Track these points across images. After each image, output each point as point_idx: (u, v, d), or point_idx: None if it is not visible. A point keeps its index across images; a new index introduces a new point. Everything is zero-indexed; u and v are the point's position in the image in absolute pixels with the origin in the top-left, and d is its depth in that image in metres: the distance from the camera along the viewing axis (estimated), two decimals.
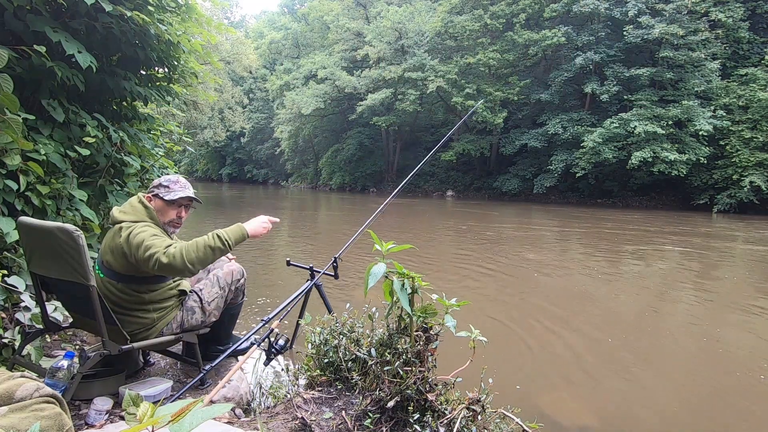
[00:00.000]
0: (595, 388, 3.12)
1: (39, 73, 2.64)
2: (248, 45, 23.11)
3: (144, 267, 1.89)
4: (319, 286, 2.74)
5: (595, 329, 4.28)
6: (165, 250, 1.84)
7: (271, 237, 10.04)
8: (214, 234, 1.92)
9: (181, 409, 0.73)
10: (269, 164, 45.22)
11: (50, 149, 2.64)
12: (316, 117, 33.47)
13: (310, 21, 39.62)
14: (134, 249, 1.89)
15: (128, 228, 1.96)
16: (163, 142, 4.69)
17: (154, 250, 1.84)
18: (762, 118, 18.99)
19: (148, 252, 1.84)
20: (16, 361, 2.01)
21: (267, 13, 60.56)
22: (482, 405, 1.65)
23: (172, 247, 1.85)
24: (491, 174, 27.36)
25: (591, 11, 21.93)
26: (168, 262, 1.81)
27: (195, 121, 20.37)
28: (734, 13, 20.33)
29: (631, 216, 16.33)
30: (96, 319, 1.84)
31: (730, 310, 5.01)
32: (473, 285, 5.75)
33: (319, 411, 1.76)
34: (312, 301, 2.79)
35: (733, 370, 3.42)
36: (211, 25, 3.99)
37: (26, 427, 1.10)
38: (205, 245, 1.88)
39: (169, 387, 2.06)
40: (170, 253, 1.83)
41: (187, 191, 2.14)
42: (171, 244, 1.88)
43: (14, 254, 2.50)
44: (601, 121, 21.63)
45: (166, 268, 1.83)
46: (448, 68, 25.36)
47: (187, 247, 1.86)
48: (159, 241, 1.89)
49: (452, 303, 1.69)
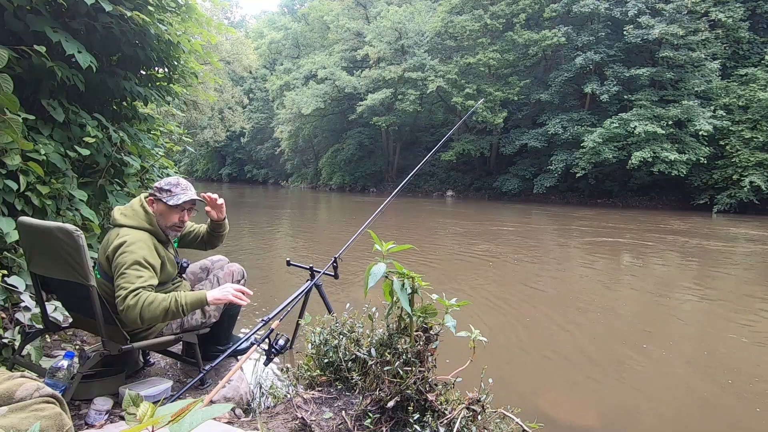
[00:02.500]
0: (595, 388, 3.12)
1: (39, 73, 2.64)
2: (248, 45, 23.11)
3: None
4: (319, 286, 2.74)
5: (595, 329, 4.28)
6: (129, 294, 1.81)
7: (271, 237, 10.05)
8: (175, 300, 1.87)
9: (181, 409, 0.73)
10: (269, 164, 45.23)
11: (50, 149, 2.64)
12: (316, 117, 33.46)
13: (310, 21, 39.61)
14: (115, 265, 1.89)
15: (122, 239, 1.93)
16: (163, 142, 4.70)
17: (125, 285, 1.83)
18: (762, 118, 18.98)
19: (118, 290, 1.84)
20: (16, 361, 2.01)
21: (267, 13, 60.58)
22: (482, 405, 1.65)
23: (136, 294, 1.81)
24: (491, 174, 27.35)
25: (591, 11, 21.93)
26: (123, 308, 1.81)
27: (195, 121, 20.37)
28: (734, 13, 20.32)
29: (631, 216, 16.32)
30: (96, 319, 1.84)
31: (731, 310, 5.01)
32: (473, 285, 5.74)
33: (319, 411, 1.76)
34: (312, 301, 2.79)
35: (734, 370, 3.42)
36: (211, 25, 4.00)
37: (26, 427, 1.09)
38: (164, 309, 1.85)
39: (169, 387, 2.06)
40: (129, 303, 1.80)
41: (189, 194, 2.12)
42: (141, 287, 1.84)
43: (14, 254, 2.50)
44: (601, 121, 21.62)
45: (121, 311, 1.82)
46: (448, 68, 25.36)
47: (146, 304, 1.81)
48: (135, 278, 1.85)
49: (452, 303, 1.70)
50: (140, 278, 1.86)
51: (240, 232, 10.18)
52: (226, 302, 2.02)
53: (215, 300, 1.98)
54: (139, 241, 1.94)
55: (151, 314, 1.81)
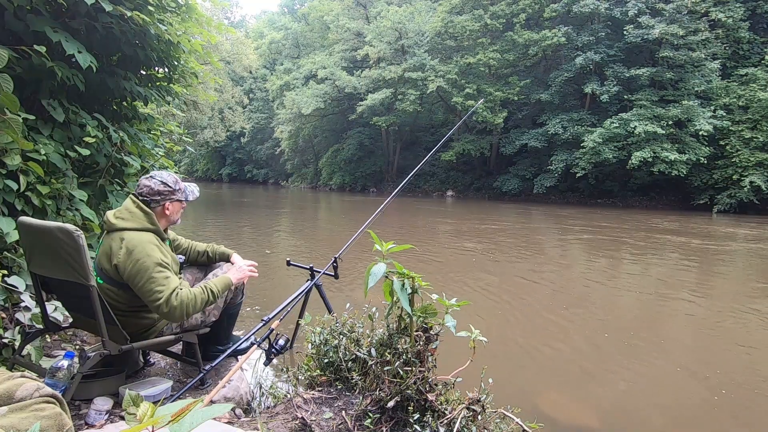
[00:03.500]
0: (595, 388, 3.12)
1: (39, 73, 2.64)
2: (248, 45, 23.10)
3: (142, 299, 1.92)
4: (319, 286, 2.74)
5: (595, 329, 4.29)
6: (170, 296, 1.87)
7: (271, 237, 10.05)
8: (207, 288, 2.03)
9: (181, 409, 0.73)
10: (269, 164, 45.23)
11: (50, 149, 2.64)
12: (316, 117, 33.46)
13: (310, 21, 39.61)
14: (135, 273, 1.89)
15: (130, 243, 1.91)
16: (163, 142, 4.69)
17: (160, 290, 1.87)
18: (762, 118, 18.98)
19: (152, 295, 1.88)
20: (16, 361, 2.01)
21: (267, 13, 60.58)
22: (482, 405, 1.65)
23: (176, 295, 1.89)
24: (491, 174, 27.35)
25: (591, 11, 21.93)
26: (167, 310, 1.88)
27: (195, 121, 20.37)
28: (734, 13, 20.31)
29: (631, 216, 16.32)
30: (96, 319, 1.84)
31: (731, 310, 5.01)
32: (473, 285, 5.74)
33: (319, 411, 1.76)
34: (312, 301, 2.79)
35: (734, 370, 3.42)
36: (211, 25, 3.99)
37: (26, 427, 1.09)
38: (203, 301, 2.00)
39: (169, 387, 2.06)
40: (174, 305, 1.88)
41: (191, 185, 2.21)
42: (176, 286, 1.91)
43: (14, 254, 2.49)
44: (601, 121, 21.62)
45: (166, 314, 1.89)
46: (448, 68, 25.36)
47: (187, 300, 1.92)
48: (164, 279, 1.89)
49: (452, 303, 1.69)
50: (168, 278, 1.91)
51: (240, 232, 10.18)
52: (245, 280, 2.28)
53: (238, 280, 2.22)
54: (149, 243, 1.95)
55: (194, 309, 1.96)
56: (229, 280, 2.15)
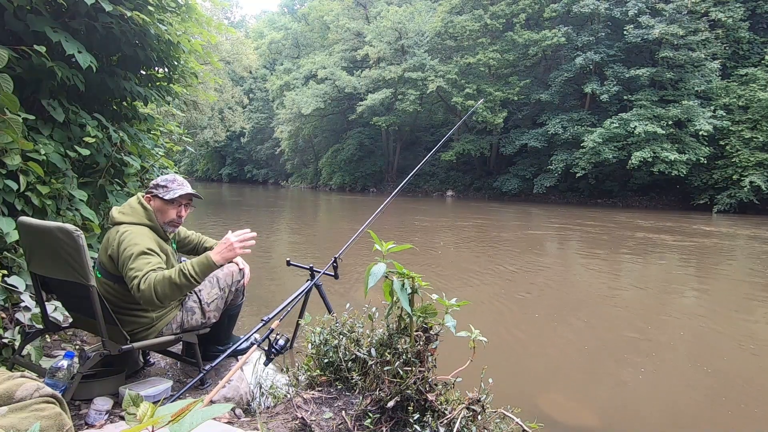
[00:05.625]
0: (595, 388, 3.12)
1: (39, 73, 2.64)
2: (248, 45, 23.10)
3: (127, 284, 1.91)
4: (319, 286, 2.74)
5: (595, 329, 4.29)
6: (140, 280, 1.83)
7: (271, 237, 10.04)
8: (180, 271, 1.86)
9: (181, 409, 0.73)
10: (269, 164, 45.24)
11: (50, 149, 2.64)
12: (316, 117, 33.47)
13: (310, 21, 39.62)
14: (122, 261, 1.91)
15: (123, 233, 1.96)
16: (163, 142, 4.70)
17: (135, 274, 1.85)
18: (762, 118, 18.98)
19: (131, 281, 1.85)
20: (16, 361, 2.01)
21: (267, 13, 60.61)
22: (482, 405, 1.65)
23: (145, 278, 1.83)
24: (491, 174, 27.36)
25: (591, 11, 21.93)
26: (139, 295, 1.83)
27: (195, 121, 20.37)
28: (734, 13, 20.33)
29: (632, 216, 16.32)
30: (96, 319, 1.84)
31: (730, 309, 5.01)
32: (474, 285, 5.74)
33: (319, 411, 1.76)
34: (312, 301, 2.79)
35: (734, 370, 3.42)
36: (211, 25, 3.99)
37: (26, 427, 1.09)
38: (174, 283, 1.84)
39: (169, 387, 2.06)
40: (143, 288, 1.82)
41: (185, 189, 2.14)
42: (150, 270, 1.86)
43: (14, 254, 2.50)
44: (601, 121, 21.63)
45: (139, 299, 1.86)
46: (448, 68, 25.36)
47: (155, 282, 1.82)
48: (144, 264, 1.87)
49: (452, 303, 1.69)
50: (148, 264, 1.89)
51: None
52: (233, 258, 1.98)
53: (223, 258, 1.95)
54: (140, 234, 1.98)
55: (164, 291, 1.82)
56: (210, 260, 1.92)
